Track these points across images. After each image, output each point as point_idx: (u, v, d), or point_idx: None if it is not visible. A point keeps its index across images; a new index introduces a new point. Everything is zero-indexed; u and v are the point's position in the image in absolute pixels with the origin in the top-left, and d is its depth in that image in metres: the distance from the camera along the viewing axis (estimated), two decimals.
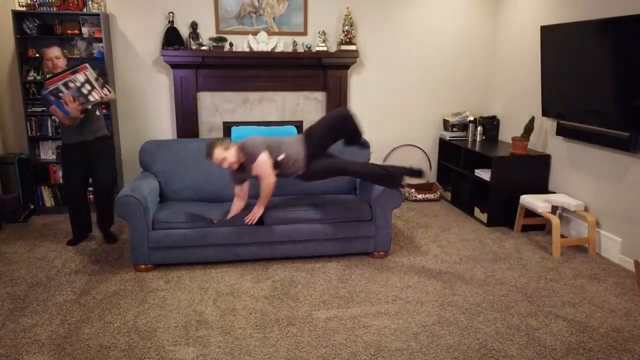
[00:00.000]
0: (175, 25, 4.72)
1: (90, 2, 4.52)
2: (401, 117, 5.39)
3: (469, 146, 4.90)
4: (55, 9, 4.45)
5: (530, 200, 4.04)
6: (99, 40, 4.60)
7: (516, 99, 4.97)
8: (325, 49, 4.90)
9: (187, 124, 4.90)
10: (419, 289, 3.23)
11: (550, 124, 4.40)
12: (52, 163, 4.69)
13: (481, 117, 5.30)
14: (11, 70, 4.70)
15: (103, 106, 4.83)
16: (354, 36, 4.94)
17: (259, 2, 4.88)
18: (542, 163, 4.41)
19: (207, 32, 4.85)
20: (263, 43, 4.82)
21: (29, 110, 4.56)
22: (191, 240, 3.43)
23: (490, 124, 5.27)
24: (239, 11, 4.88)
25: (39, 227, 4.39)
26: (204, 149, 3.59)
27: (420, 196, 5.24)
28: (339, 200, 3.77)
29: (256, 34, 4.87)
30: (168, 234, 3.41)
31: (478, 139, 5.21)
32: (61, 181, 4.66)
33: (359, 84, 5.23)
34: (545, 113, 4.26)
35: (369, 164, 3.58)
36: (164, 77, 4.93)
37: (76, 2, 4.47)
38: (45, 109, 4.48)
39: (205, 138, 4.21)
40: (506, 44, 5.11)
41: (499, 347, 2.57)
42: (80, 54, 4.63)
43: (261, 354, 2.51)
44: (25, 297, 3.10)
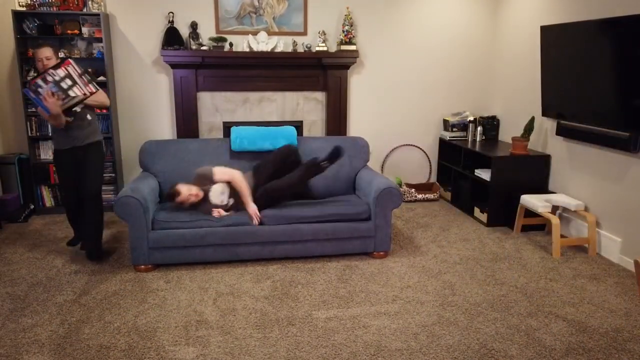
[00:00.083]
0: (175, 25, 4.72)
1: (90, 2, 4.52)
2: (401, 117, 5.39)
3: (469, 146, 4.90)
4: (55, 9, 4.45)
5: (530, 200, 4.04)
6: (99, 40, 4.60)
7: (516, 99, 4.97)
8: (325, 49, 4.90)
9: (187, 124, 4.90)
10: (419, 289, 3.23)
11: (550, 124, 4.41)
12: (52, 163, 4.67)
13: (481, 117, 5.30)
14: (11, 70, 4.70)
15: (104, 110, 4.84)
16: (354, 36, 4.94)
17: (259, 2, 4.88)
18: (542, 163, 4.41)
19: (207, 32, 4.85)
20: (263, 43, 4.82)
21: (29, 110, 4.56)
22: (190, 241, 3.43)
23: (490, 124, 5.27)
24: (239, 11, 4.88)
25: (39, 227, 4.39)
26: (170, 194, 3.60)
27: (420, 196, 5.24)
28: (338, 200, 3.79)
29: (256, 34, 4.87)
30: (168, 234, 3.41)
31: (478, 139, 5.21)
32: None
33: (359, 84, 5.23)
34: (545, 113, 4.26)
35: (296, 170, 3.70)
36: (164, 77, 4.93)
37: (76, 2, 4.48)
38: (35, 109, 4.40)
39: (206, 138, 4.21)
40: (506, 43, 5.11)
41: (499, 347, 2.57)
42: (80, 54, 4.63)
43: (261, 354, 2.51)
44: (25, 297, 3.10)
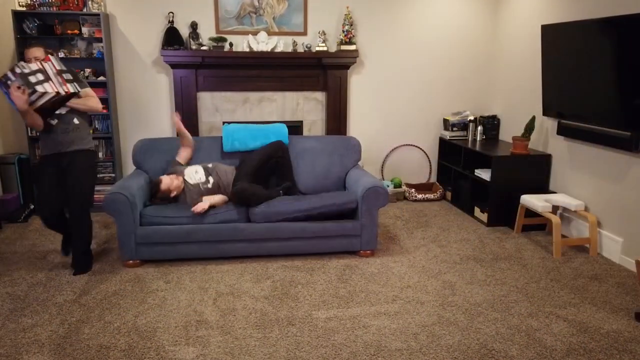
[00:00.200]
0: (175, 25, 4.72)
1: (90, 2, 4.52)
2: (401, 117, 5.38)
3: (469, 146, 4.89)
4: (55, 9, 4.45)
5: (530, 200, 4.03)
6: (99, 40, 4.60)
7: (517, 98, 4.97)
8: (325, 48, 4.89)
9: (187, 124, 4.89)
10: (419, 289, 3.23)
11: (551, 124, 4.40)
12: None
13: (481, 117, 5.30)
14: None
15: (104, 110, 4.83)
16: (354, 36, 4.94)
17: (259, 2, 4.88)
18: (543, 163, 4.41)
19: (207, 32, 4.85)
20: (263, 43, 4.82)
21: None
22: (177, 237, 3.50)
23: (491, 124, 5.26)
24: (239, 11, 4.88)
25: (39, 227, 4.38)
26: (153, 187, 3.71)
27: (420, 196, 5.23)
28: (325, 195, 3.79)
29: (256, 34, 4.86)
30: (155, 229, 3.48)
31: (478, 139, 5.20)
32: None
33: (359, 84, 5.23)
34: (545, 112, 4.25)
35: (272, 189, 3.80)
36: (164, 77, 4.93)
37: (76, 2, 4.48)
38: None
39: (208, 136, 4.21)
40: (507, 43, 5.11)
41: (499, 348, 2.57)
42: (80, 54, 4.63)
43: (261, 354, 2.51)
44: (25, 297, 3.10)
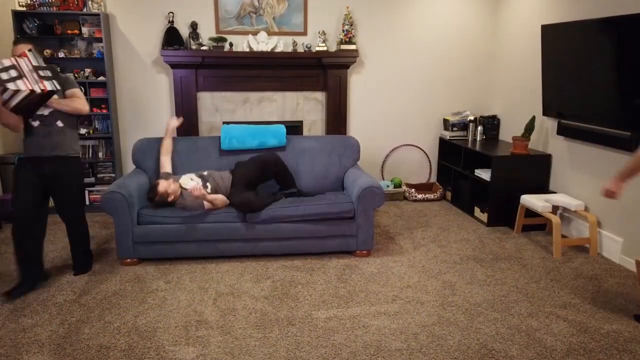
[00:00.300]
0: (175, 25, 4.72)
1: (90, 2, 4.52)
2: (401, 117, 5.38)
3: (469, 146, 4.89)
4: (55, 9, 4.45)
5: (530, 200, 4.03)
6: (99, 40, 4.60)
7: (517, 98, 4.97)
8: (325, 48, 4.89)
9: (187, 124, 4.89)
10: (419, 289, 3.23)
11: (551, 124, 4.40)
12: None
13: (481, 117, 5.30)
14: None
15: (104, 110, 4.82)
16: (353, 36, 4.93)
17: (259, 2, 4.88)
18: (543, 163, 4.41)
19: (207, 32, 4.85)
20: (263, 43, 4.82)
21: None
22: (174, 236, 3.53)
23: (491, 124, 5.26)
24: (239, 11, 4.88)
25: None
26: (151, 191, 3.61)
27: (420, 196, 5.23)
28: (323, 198, 3.78)
29: (256, 34, 4.86)
30: (152, 228, 3.51)
31: (478, 139, 5.20)
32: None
33: (359, 84, 5.23)
34: (546, 112, 4.25)
35: (268, 196, 3.76)
36: (164, 77, 4.93)
37: (76, 2, 4.48)
38: None
39: (204, 136, 4.21)
40: (507, 43, 5.10)
41: (499, 348, 2.57)
42: (80, 54, 4.63)
43: (261, 354, 2.51)
44: (25, 297, 3.10)
